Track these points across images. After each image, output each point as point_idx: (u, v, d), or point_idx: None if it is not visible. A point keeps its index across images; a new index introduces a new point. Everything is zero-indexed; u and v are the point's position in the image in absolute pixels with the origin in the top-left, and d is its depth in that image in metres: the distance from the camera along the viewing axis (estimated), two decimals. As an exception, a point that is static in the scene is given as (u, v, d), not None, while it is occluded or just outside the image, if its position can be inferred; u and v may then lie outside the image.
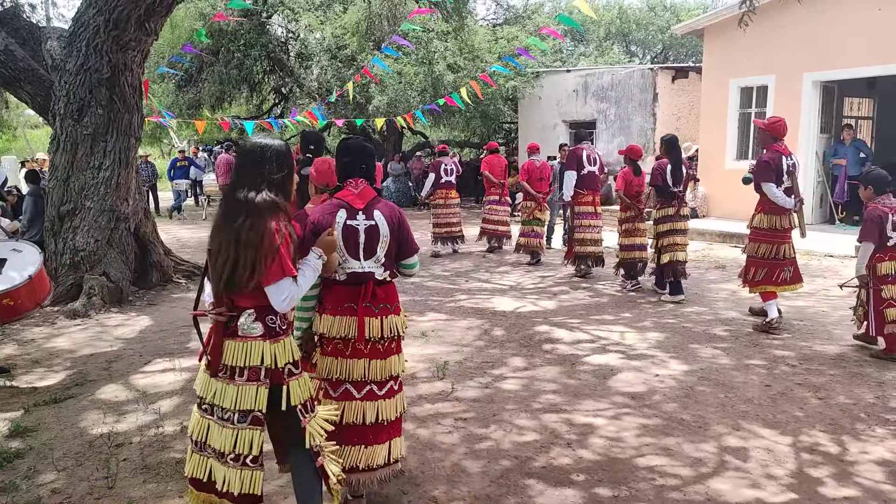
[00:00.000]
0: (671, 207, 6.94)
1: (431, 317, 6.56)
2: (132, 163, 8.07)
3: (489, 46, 16.85)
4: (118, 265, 7.64)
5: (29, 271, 5.08)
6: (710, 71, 12.97)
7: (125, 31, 7.51)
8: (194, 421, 2.59)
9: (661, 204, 7.01)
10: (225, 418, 2.50)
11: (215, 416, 2.51)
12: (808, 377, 4.71)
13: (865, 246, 5.04)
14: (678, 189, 6.93)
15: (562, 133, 16.44)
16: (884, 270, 5.02)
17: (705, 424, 3.93)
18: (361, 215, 2.99)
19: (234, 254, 2.41)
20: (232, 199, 2.48)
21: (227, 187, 2.56)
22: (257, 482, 2.52)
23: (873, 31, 10.31)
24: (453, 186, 10.40)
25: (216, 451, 2.52)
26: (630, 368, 4.95)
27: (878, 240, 5.01)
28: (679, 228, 6.96)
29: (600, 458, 3.52)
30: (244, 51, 16.05)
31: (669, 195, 6.94)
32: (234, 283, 2.44)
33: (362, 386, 2.98)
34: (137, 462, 3.55)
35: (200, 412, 2.57)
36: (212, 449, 2.53)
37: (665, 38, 23.36)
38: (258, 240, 2.40)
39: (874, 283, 5.05)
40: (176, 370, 5.02)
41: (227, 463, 2.50)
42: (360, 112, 15.70)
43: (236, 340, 2.50)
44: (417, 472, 3.41)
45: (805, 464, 3.44)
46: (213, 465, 2.54)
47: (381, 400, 3.01)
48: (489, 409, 4.20)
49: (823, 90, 11.49)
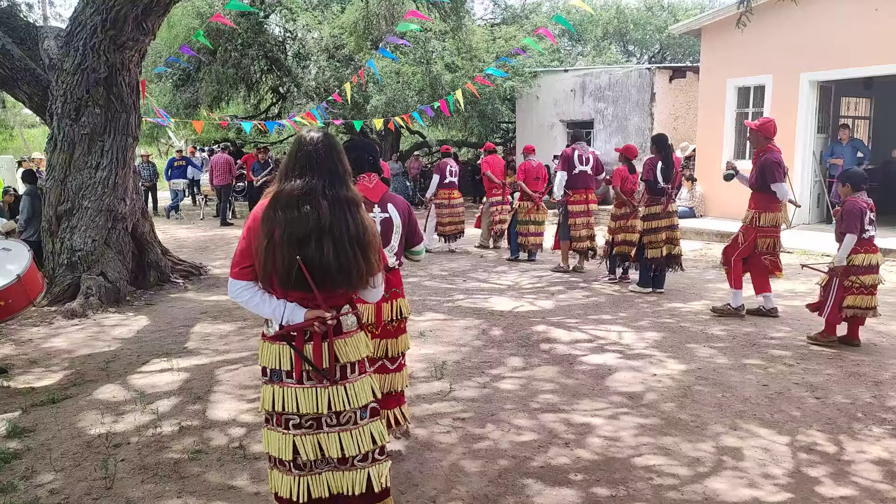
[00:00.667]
0: (659, 205, 7.17)
1: (429, 316, 6.57)
2: (129, 162, 8.07)
3: (487, 46, 16.85)
4: (116, 265, 7.63)
5: (17, 270, 5.09)
6: (707, 71, 12.99)
7: (122, 30, 7.50)
8: (284, 445, 2.41)
9: (650, 201, 7.24)
10: (343, 422, 2.42)
11: (325, 426, 2.41)
12: (805, 377, 4.72)
13: (850, 237, 5.23)
14: (668, 186, 7.14)
15: (559, 133, 16.45)
16: (856, 262, 5.25)
17: (703, 424, 3.94)
18: (377, 208, 3.26)
19: (357, 249, 2.34)
20: (337, 198, 2.36)
21: (318, 184, 2.36)
22: (387, 474, 2.52)
23: (870, 31, 10.34)
24: (456, 187, 10.75)
25: (335, 462, 2.43)
26: (627, 368, 4.96)
27: (859, 232, 5.23)
28: (665, 225, 7.19)
29: (598, 458, 3.53)
30: (241, 50, 16.03)
31: (658, 192, 7.17)
32: (355, 283, 2.38)
33: (374, 362, 3.26)
34: (136, 462, 3.55)
35: (299, 432, 2.40)
36: (330, 461, 2.43)
37: (663, 38, 23.34)
38: (370, 237, 2.39)
39: (844, 272, 5.26)
40: (174, 370, 5.02)
41: (355, 466, 2.44)
42: (359, 112, 15.69)
43: (343, 338, 2.44)
44: (415, 472, 3.41)
45: (802, 463, 3.45)
46: (332, 478, 2.44)
47: (393, 374, 3.46)
48: (487, 409, 4.20)
49: (820, 90, 11.52)
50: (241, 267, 2.39)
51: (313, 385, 2.39)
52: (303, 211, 2.31)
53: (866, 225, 5.25)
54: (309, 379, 2.39)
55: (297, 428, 2.41)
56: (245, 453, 3.61)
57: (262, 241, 2.31)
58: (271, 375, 2.44)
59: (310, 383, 2.39)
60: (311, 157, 2.39)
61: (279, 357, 2.41)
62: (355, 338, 2.47)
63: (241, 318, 6.58)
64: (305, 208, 2.32)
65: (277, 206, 2.34)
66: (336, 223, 2.33)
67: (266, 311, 2.39)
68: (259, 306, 2.39)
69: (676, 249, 7.28)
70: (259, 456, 3.57)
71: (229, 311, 6.94)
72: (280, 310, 2.36)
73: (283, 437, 2.42)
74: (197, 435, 3.87)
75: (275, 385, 2.42)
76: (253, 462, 3.51)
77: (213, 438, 3.82)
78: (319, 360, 2.38)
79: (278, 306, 2.37)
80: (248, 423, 4.02)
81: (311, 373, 2.39)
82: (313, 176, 2.37)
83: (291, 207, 2.32)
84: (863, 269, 5.24)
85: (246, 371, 4.97)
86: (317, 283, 2.30)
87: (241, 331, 6.15)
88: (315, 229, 2.30)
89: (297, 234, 2.29)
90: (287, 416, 2.41)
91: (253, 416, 4.11)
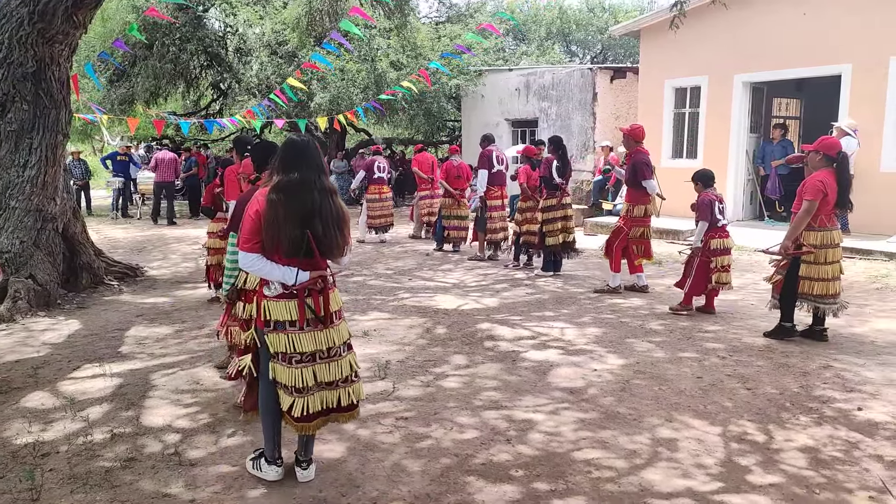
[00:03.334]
0: (554, 199, 8.10)
1: (374, 316, 6.53)
2: (60, 160, 7.76)
3: (432, 44, 16.85)
4: (45, 267, 7.33)
5: None
6: (646, 72, 13.29)
7: (51, 23, 7.22)
8: (294, 376, 3.09)
9: (547, 195, 8.18)
10: (332, 355, 3.17)
11: (317, 359, 3.13)
12: (737, 368, 4.88)
13: (703, 224, 6.32)
14: (562, 181, 8.08)
15: (505, 131, 16.58)
16: (713, 245, 6.28)
17: (640, 417, 4.04)
18: None
19: (337, 228, 3.08)
20: (324, 188, 3.07)
21: (313, 177, 3.05)
22: (362, 390, 3.32)
23: (799, 35, 10.78)
24: (385, 182, 11.66)
25: (326, 385, 3.16)
26: (569, 364, 5.03)
27: (710, 220, 6.29)
28: (560, 216, 8.14)
29: (539, 453, 3.57)
30: (179, 45, 15.60)
31: (554, 187, 8.10)
32: (337, 252, 3.14)
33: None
34: (65, 472, 3.42)
35: (299, 366, 3.10)
36: (323, 385, 3.15)
37: (604, 38, 23.81)
38: (346, 217, 3.16)
39: (705, 254, 6.29)
40: (106, 375, 4.85)
41: (339, 387, 3.20)
42: (302, 109, 15.47)
43: (333, 291, 3.21)
44: (357, 473, 3.38)
45: (733, 453, 3.56)
46: (325, 396, 3.17)
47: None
48: (430, 408, 4.20)
49: (753, 91, 11.93)
50: (252, 243, 3.03)
51: (311, 330, 3.11)
52: (302, 197, 3.01)
53: (717, 214, 6.28)
54: (308, 325, 3.11)
55: (299, 363, 3.11)
56: (180, 460, 3.52)
57: (271, 221, 2.98)
58: (275, 326, 3.10)
59: (309, 329, 3.11)
60: (304, 155, 3.08)
61: (286, 311, 3.08)
62: (335, 293, 3.23)
63: (180, 321, 6.42)
64: (304, 195, 3.01)
65: (281, 193, 3.00)
66: (324, 207, 3.05)
67: (277, 274, 3.04)
68: (271, 272, 3.04)
69: (571, 237, 8.26)
70: (195, 462, 3.49)
71: (167, 313, 6.75)
72: (291, 273, 3.04)
73: (289, 370, 3.11)
74: (130, 442, 3.74)
75: (279, 333, 3.09)
76: (189, 469, 3.42)
77: (147, 445, 3.70)
78: (319, 310, 3.11)
79: (288, 270, 3.04)
80: (183, 428, 3.92)
81: (311, 320, 3.11)
82: (306, 170, 3.05)
83: (293, 194, 3.00)
84: (719, 251, 6.26)
85: (184, 375, 4.84)
86: (311, 253, 3.04)
87: (179, 333, 5.99)
88: (311, 211, 3.01)
89: (299, 215, 2.99)
90: (291, 355, 3.10)
91: (189, 422, 4.01)
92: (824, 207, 5.24)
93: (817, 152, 5.33)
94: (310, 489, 3.22)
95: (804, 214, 5.22)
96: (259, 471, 3.30)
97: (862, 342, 5.50)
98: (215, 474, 3.37)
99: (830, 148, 5.29)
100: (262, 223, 3.00)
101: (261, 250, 3.03)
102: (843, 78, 10.43)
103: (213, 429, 3.91)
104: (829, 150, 5.29)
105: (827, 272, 5.32)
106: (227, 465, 3.46)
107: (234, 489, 3.23)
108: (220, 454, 3.59)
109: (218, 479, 3.33)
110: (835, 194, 5.23)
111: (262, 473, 3.28)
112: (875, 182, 9.94)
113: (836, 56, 10.42)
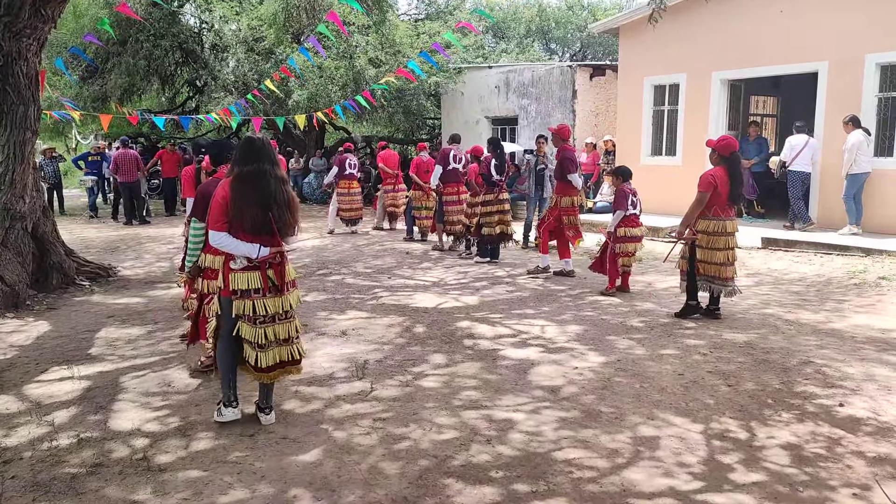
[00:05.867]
0: (492, 194, 8.92)
1: (352, 315, 6.42)
2: (29, 158, 7.55)
3: (411, 41, 16.71)
4: (14, 267, 7.12)
5: None
6: (625, 69, 13.30)
7: (18, 17, 7.03)
8: (257, 334, 3.73)
9: (486, 191, 9.02)
10: (287, 317, 3.82)
11: (276, 321, 3.77)
12: (718, 365, 4.85)
13: (619, 213, 7.10)
14: (500, 178, 8.92)
15: (485, 129, 16.52)
16: (619, 233, 7.09)
17: (621, 415, 3.98)
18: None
19: (290, 211, 3.70)
20: (277, 176, 3.68)
21: (268, 168, 3.67)
22: (303, 346, 4.04)
23: (776, 32, 10.82)
24: (355, 178, 12.49)
25: (281, 341, 3.81)
26: (550, 362, 4.97)
27: (625, 209, 7.04)
28: (497, 210, 8.93)
29: (519, 454, 3.50)
30: (153, 41, 15.31)
31: (492, 183, 8.94)
32: (289, 232, 3.76)
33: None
34: (27, 479, 3.28)
35: (260, 326, 3.73)
36: (279, 341, 3.80)
37: (583, 36, 23.84)
38: (295, 203, 3.79)
39: (616, 241, 7.06)
40: (74, 378, 4.70)
41: (290, 342, 3.86)
42: (280, 107, 15.27)
43: (285, 265, 3.80)
44: (332, 476, 3.29)
45: (716, 451, 3.52)
46: (280, 351, 3.82)
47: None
48: (409, 409, 4.12)
49: (731, 88, 11.97)
50: (220, 223, 3.63)
51: (272, 296, 3.75)
52: (261, 184, 3.62)
53: (629, 205, 7.07)
54: (270, 292, 3.74)
55: (262, 324, 3.75)
56: (149, 465, 3.39)
57: (237, 204, 3.58)
58: (241, 294, 3.70)
59: (271, 295, 3.74)
60: (260, 150, 3.72)
61: (250, 281, 3.70)
62: (290, 266, 3.88)
63: (152, 322, 6.26)
64: (262, 183, 3.63)
65: (244, 181, 3.62)
66: (278, 193, 3.66)
67: (243, 249, 3.64)
68: (238, 247, 3.64)
69: (509, 229, 9.12)
70: (164, 468, 3.37)
71: (139, 314, 6.59)
72: (254, 248, 3.65)
73: (254, 329, 3.74)
74: (97, 447, 3.61)
75: (245, 299, 3.71)
76: (157, 474, 3.30)
77: (115, 450, 3.57)
78: (278, 279, 3.74)
79: (252, 246, 3.64)
80: (152, 432, 3.79)
81: (271, 288, 3.74)
82: (262, 162, 3.67)
83: (253, 182, 3.62)
84: (625, 239, 7.08)
85: (154, 377, 4.71)
86: (271, 231, 3.66)
87: (151, 335, 5.84)
88: (269, 196, 3.62)
89: (259, 199, 3.61)
90: (256, 317, 3.73)
91: (158, 426, 3.88)
92: (716, 199, 5.86)
93: (714, 151, 6.03)
94: (284, 495, 3.12)
95: (696, 204, 5.90)
96: (221, 416, 3.89)
97: (842, 338, 5.51)
98: (184, 480, 3.25)
99: (725, 148, 5.96)
100: (228, 206, 3.59)
101: (228, 229, 3.62)
102: (820, 75, 10.49)
103: (184, 433, 3.79)
104: (723, 150, 5.96)
105: (719, 257, 5.93)
106: (197, 470, 3.35)
107: (205, 495, 3.11)
108: (191, 459, 3.47)
109: (187, 484, 3.21)
110: (726, 188, 5.86)
111: (223, 417, 3.88)
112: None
113: (812, 53, 10.48)
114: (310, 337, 5.64)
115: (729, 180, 5.86)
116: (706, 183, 5.84)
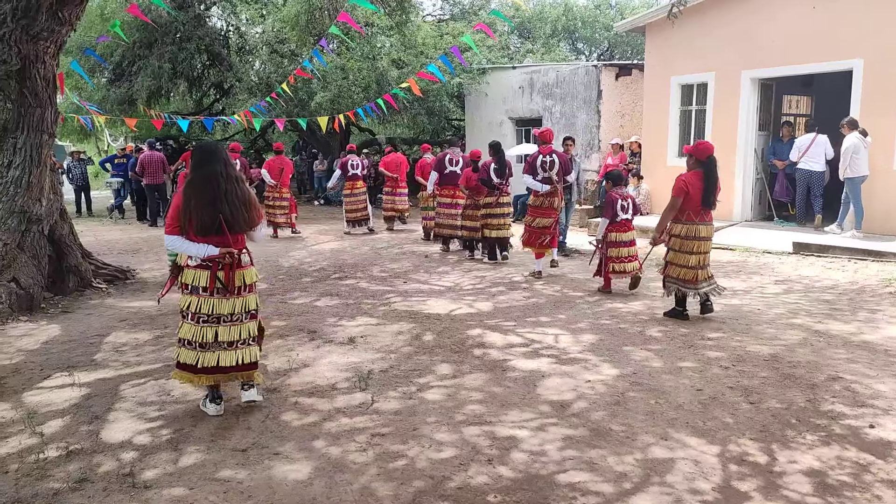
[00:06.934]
0: (492, 197, 8.97)
1: (362, 321, 6.27)
2: (46, 160, 7.55)
3: (434, 42, 16.56)
4: (30, 270, 7.13)
5: None
6: (651, 68, 12.96)
7: (35, 19, 7.03)
8: (195, 332, 3.89)
9: (487, 195, 9.02)
10: (234, 320, 3.95)
11: (222, 322, 3.91)
12: (740, 380, 4.59)
13: (604, 221, 7.24)
14: (500, 182, 8.88)
15: (509, 130, 16.30)
16: (612, 238, 7.16)
17: (633, 434, 3.76)
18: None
19: (244, 207, 3.89)
20: (229, 176, 3.87)
21: (219, 169, 3.85)
22: (257, 353, 4.12)
23: (808, 29, 10.41)
24: (359, 178, 12.40)
25: (226, 344, 3.93)
26: (560, 374, 4.76)
27: (612, 216, 7.16)
28: (498, 213, 9.01)
29: (520, 476, 3.30)
30: (179, 44, 15.40)
31: (492, 187, 8.93)
32: (244, 228, 3.94)
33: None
34: (10, 495, 3.18)
35: (203, 325, 3.89)
36: (223, 344, 3.92)
37: (610, 35, 23.43)
38: (251, 199, 3.97)
39: (606, 246, 7.19)
40: (75, 385, 4.62)
41: (238, 348, 3.97)
42: (303, 109, 15.23)
43: (242, 269, 3.98)
44: (322, 497, 3.13)
45: (732, 476, 3.28)
46: (221, 355, 3.92)
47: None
48: (409, 423, 3.94)
49: (762, 87, 11.57)
50: (172, 227, 3.85)
51: (219, 297, 3.90)
52: (209, 186, 3.81)
53: (618, 210, 7.14)
54: (217, 292, 3.89)
55: (205, 323, 3.90)
56: (134, 481, 3.27)
57: (185, 207, 3.79)
58: (192, 290, 3.91)
59: (217, 295, 3.89)
60: (210, 155, 3.93)
61: (198, 277, 3.88)
62: (249, 270, 4.03)
63: (162, 326, 6.19)
64: (210, 185, 3.82)
65: (191, 185, 3.84)
66: (230, 192, 3.85)
67: (193, 250, 3.85)
68: (188, 248, 3.85)
69: (509, 233, 9.21)
70: (149, 484, 3.24)
71: (151, 318, 6.54)
72: (203, 249, 3.83)
73: (195, 327, 3.90)
74: (84, 460, 3.51)
75: (193, 296, 3.90)
76: (141, 492, 3.17)
77: (102, 464, 3.46)
78: (226, 281, 3.87)
79: (201, 247, 3.84)
80: (143, 445, 3.68)
81: (219, 289, 3.88)
82: (213, 164, 3.87)
83: (203, 184, 3.82)
84: (614, 243, 7.15)
85: (154, 385, 4.61)
86: (221, 231, 3.83)
87: (158, 339, 5.77)
88: (216, 196, 3.81)
89: (206, 200, 3.80)
90: (199, 315, 3.89)
91: (149, 438, 3.77)
92: (689, 204, 5.87)
93: (690, 156, 6.01)
94: (268, 516, 2.97)
95: (669, 209, 5.96)
96: (205, 407, 4.06)
97: (874, 351, 5.19)
98: (168, 498, 3.12)
99: (701, 153, 5.92)
100: (179, 211, 3.82)
101: (180, 232, 3.85)
102: (855, 73, 10.05)
103: (175, 446, 3.66)
104: (699, 154, 5.92)
105: (689, 260, 5.96)
106: (182, 487, 3.22)
107: (187, 515, 2.99)
108: (178, 475, 3.34)
109: (171, 503, 3.08)
110: (699, 193, 5.84)
111: (207, 409, 4.04)
112: (888, 181, 9.59)
113: (847, 50, 10.04)
114: (316, 344, 5.51)
115: (702, 185, 5.86)
116: (678, 188, 5.86)
